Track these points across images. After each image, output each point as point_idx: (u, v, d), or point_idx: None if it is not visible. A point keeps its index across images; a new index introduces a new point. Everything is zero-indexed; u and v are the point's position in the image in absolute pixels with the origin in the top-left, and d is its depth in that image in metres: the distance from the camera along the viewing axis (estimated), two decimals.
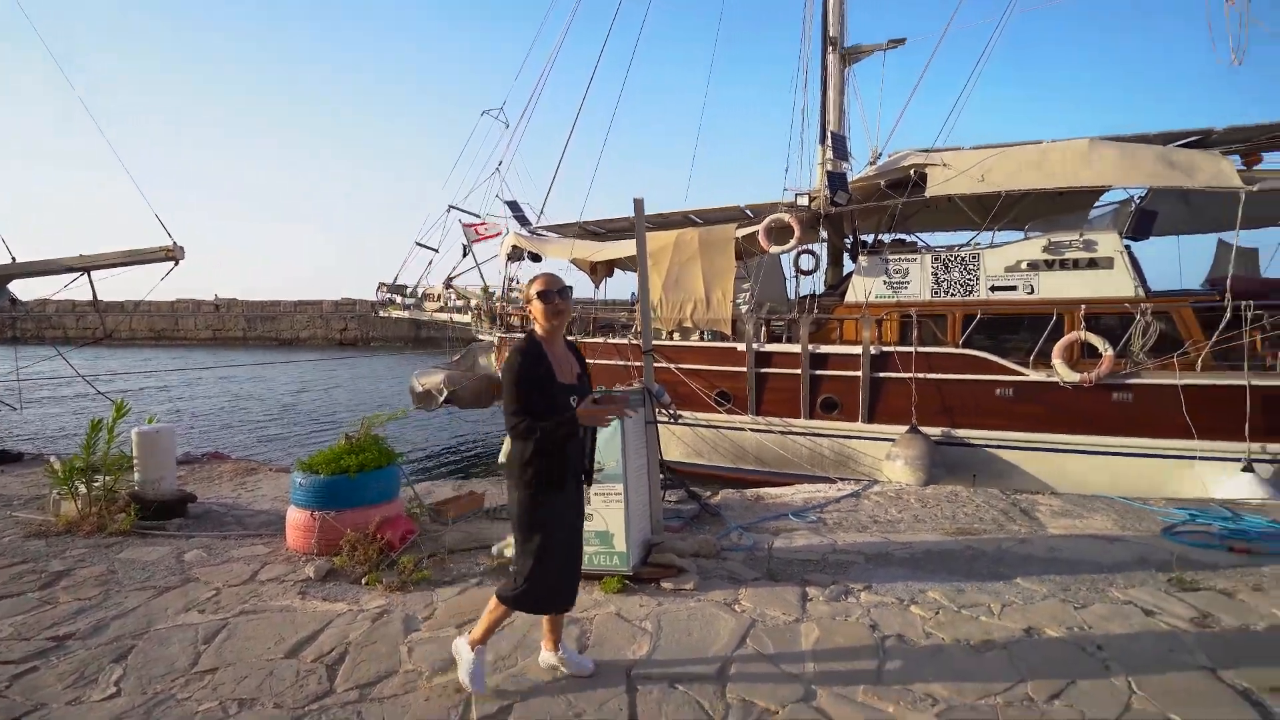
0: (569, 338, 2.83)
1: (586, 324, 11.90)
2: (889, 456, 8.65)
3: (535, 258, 12.79)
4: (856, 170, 11.13)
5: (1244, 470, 7.46)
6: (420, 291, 14.72)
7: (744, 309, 10.39)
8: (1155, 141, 9.09)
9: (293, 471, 4.44)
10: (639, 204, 4.07)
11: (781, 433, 9.90)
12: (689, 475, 9.39)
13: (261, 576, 3.97)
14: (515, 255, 12.83)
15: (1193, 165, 8.46)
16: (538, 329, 2.61)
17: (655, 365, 10.48)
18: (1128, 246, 8.69)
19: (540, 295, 2.56)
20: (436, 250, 13.97)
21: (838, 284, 11.51)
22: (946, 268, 9.32)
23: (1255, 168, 8.88)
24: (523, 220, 13.58)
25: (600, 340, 11.24)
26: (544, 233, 13.68)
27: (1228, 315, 7.82)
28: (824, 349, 9.62)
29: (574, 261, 12.56)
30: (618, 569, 3.63)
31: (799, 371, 9.64)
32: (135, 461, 5.11)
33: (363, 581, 3.81)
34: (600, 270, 13.21)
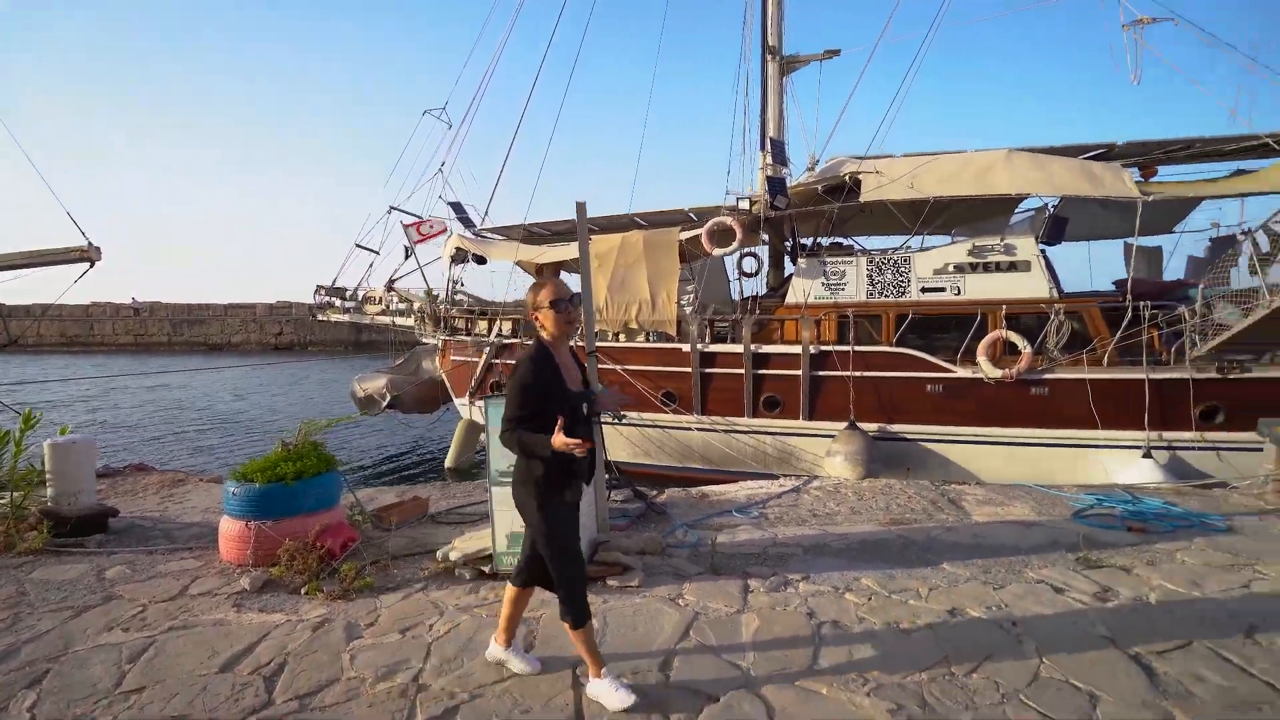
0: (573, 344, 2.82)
1: (532, 326, 11.84)
2: (828, 452, 8.98)
3: (480, 260, 12.65)
4: (795, 175, 11.50)
5: (1144, 457, 8.09)
6: (361, 294, 14.31)
7: (688, 310, 10.57)
8: (1065, 154, 9.75)
9: (225, 481, 4.28)
10: (581, 207, 4.12)
11: (726, 431, 10.11)
12: (636, 475, 9.48)
13: (193, 590, 3.81)
14: (459, 257, 12.65)
15: (1098, 176, 9.15)
16: (546, 336, 2.60)
17: (601, 366, 10.59)
18: (1043, 251, 9.30)
19: (554, 304, 2.55)
20: (377, 252, 13.63)
21: (779, 286, 11.83)
22: (880, 270, 9.74)
23: (1151, 180, 9.67)
24: (466, 222, 13.40)
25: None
26: (489, 235, 13.53)
27: (1129, 314, 8.49)
28: (766, 349, 9.89)
29: (519, 264, 12.49)
30: None
31: (742, 371, 9.87)
32: (48, 475, 4.80)
33: (302, 591, 3.71)
34: (546, 273, 13.15)
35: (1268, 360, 8.36)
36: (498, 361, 11.61)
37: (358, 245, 13.57)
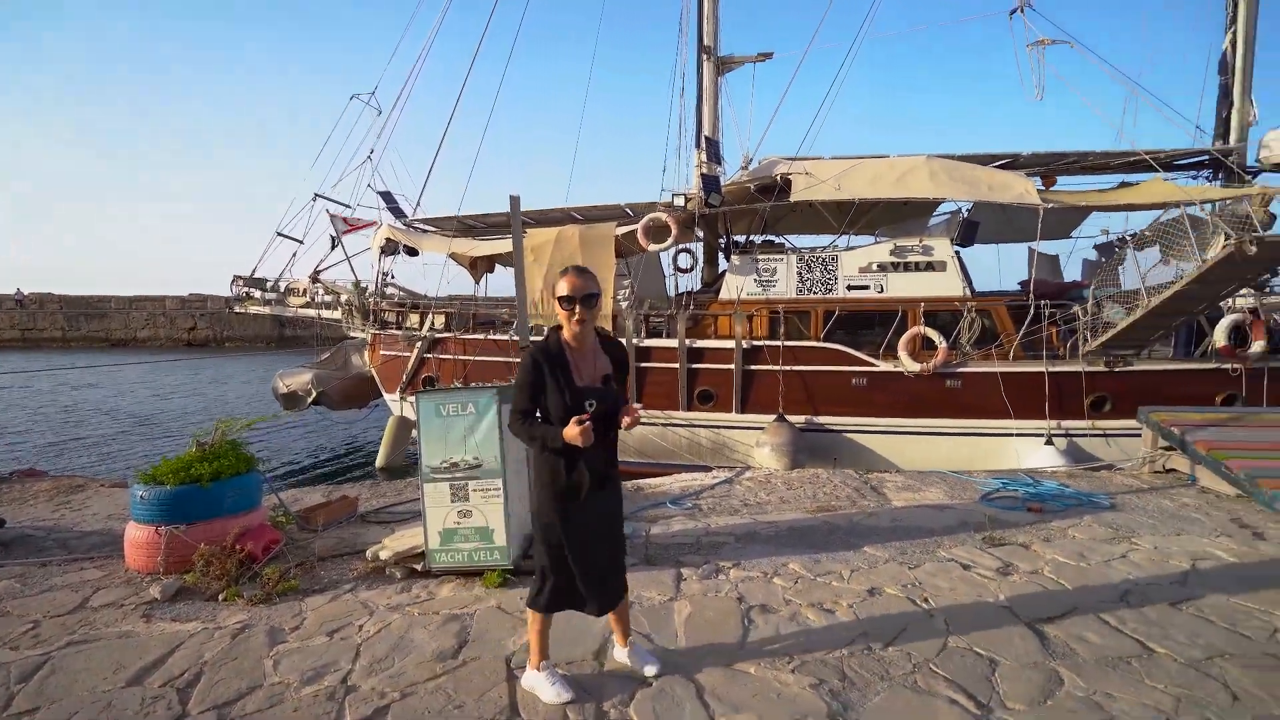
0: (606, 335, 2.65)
1: (466, 320, 11.61)
2: (759, 444, 9.26)
3: (411, 251, 12.29)
4: (729, 174, 11.74)
5: (1046, 444, 8.76)
6: (283, 285, 13.62)
7: (624, 305, 10.63)
8: (977, 162, 10.40)
9: (131, 485, 4.02)
10: (515, 201, 4.09)
11: (662, 424, 10.25)
12: None
13: (94, 603, 3.57)
14: (389, 249, 12.24)
15: (1005, 184, 9.81)
16: (564, 331, 2.50)
17: None
18: (957, 252, 9.90)
19: (560, 301, 2.43)
20: (301, 241, 13.00)
21: (713, 282, 12.07)
22: (810, 268, 10.10)
23: (1051, 189, 10.46)
24: (397, 212, 12.98)
25: (480, 337, 11.04)
26: (420, 226, 13.16)
27: (1032, 313, 9.16)
28: (700, 344, 10.08)
29: (453, 256, 12.22)
30: (498, 563, 3.65)
31: (677, 365, 10.03)
32: None
33: (220, 598, 3.54)
34: (480, 266, 12.93)
35: (1147, 355, 9.21)
36: (430, 356, 11.33)
37: (279, 234, 12.92)
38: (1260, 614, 3.31)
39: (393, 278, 12.81)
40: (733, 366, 9.85)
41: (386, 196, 12.85)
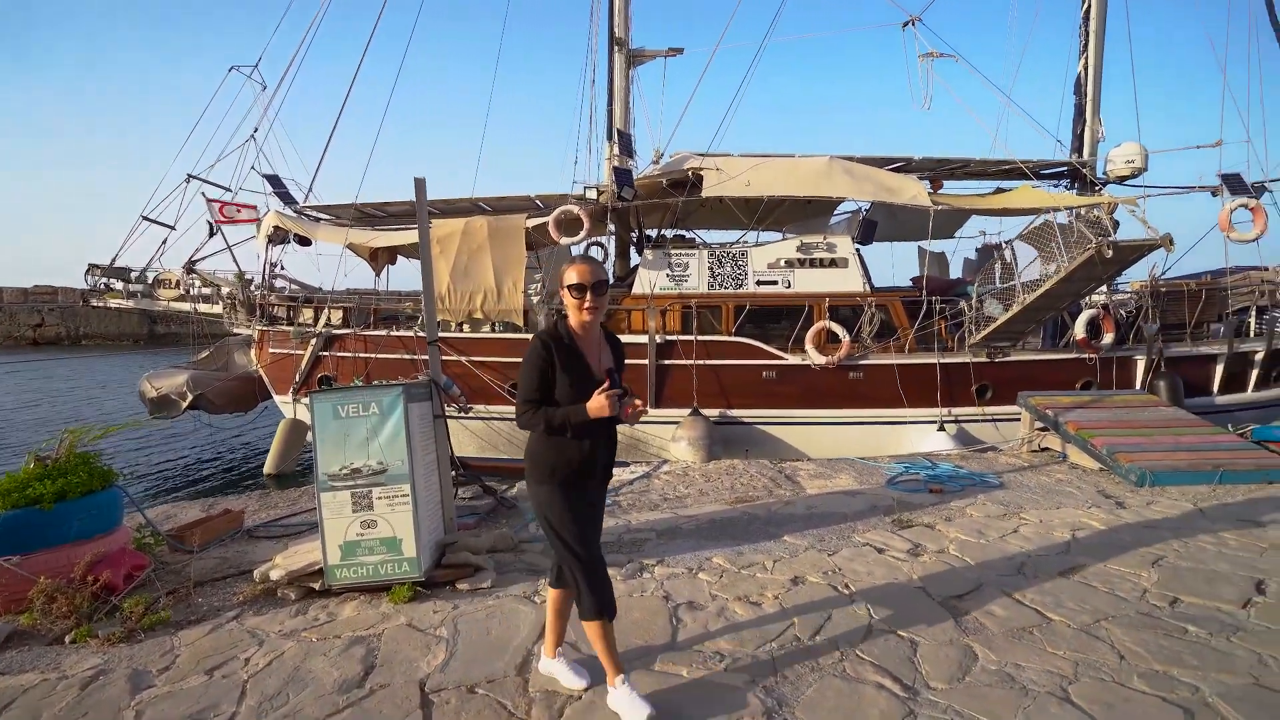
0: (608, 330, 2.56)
1: (366, 315, 10.89)
2: (674, 438, 9.30)
3: (304, 241, 11.36)
4: (641, 168, 11.71)
5: (939, 430, 9.37)
6: (152, 276, 12.20)
7: (535, 300, 10.35)
8: (873, 164, 10.95)
9: None
10: (420, 184, 3.80)
11: None
12: (484, 470, 9.13)
13: None
14: (278, 237, 11.25)
15: (899, 186, 10.40)
16: (570, 318, 2.37)
17: (445, 358, 10.05)
18: (858, 250, 10.38)
19: (572, 290, 2.30)
20: (173, 227, 11.67)
21: (625, 276, 12.01)
22: (721, 263, 10.25)
23: (939, 192, 11.20)
24: (286, 198, 11.97)
25: (383, 333, 10.40)
26: (314, 214, 12.21)
27: (924, 308, 9.77)
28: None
29: (351, 247, 11.43)
30: (408, 576, 3.37)
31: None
32: None
33: (67, 640, 3.03)
34: (381, 257, 12.17)
35: (1021, 346, 10.08)
36: (327, 354, 10.54)
37: (146, 219, 11.56)
38: (1131, 576, 3.63)
39: (282, 269, 11.80)
40: (646, 361, 9.84)
41: (274, 180, 11.82)
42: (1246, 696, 2.48)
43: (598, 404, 2.20)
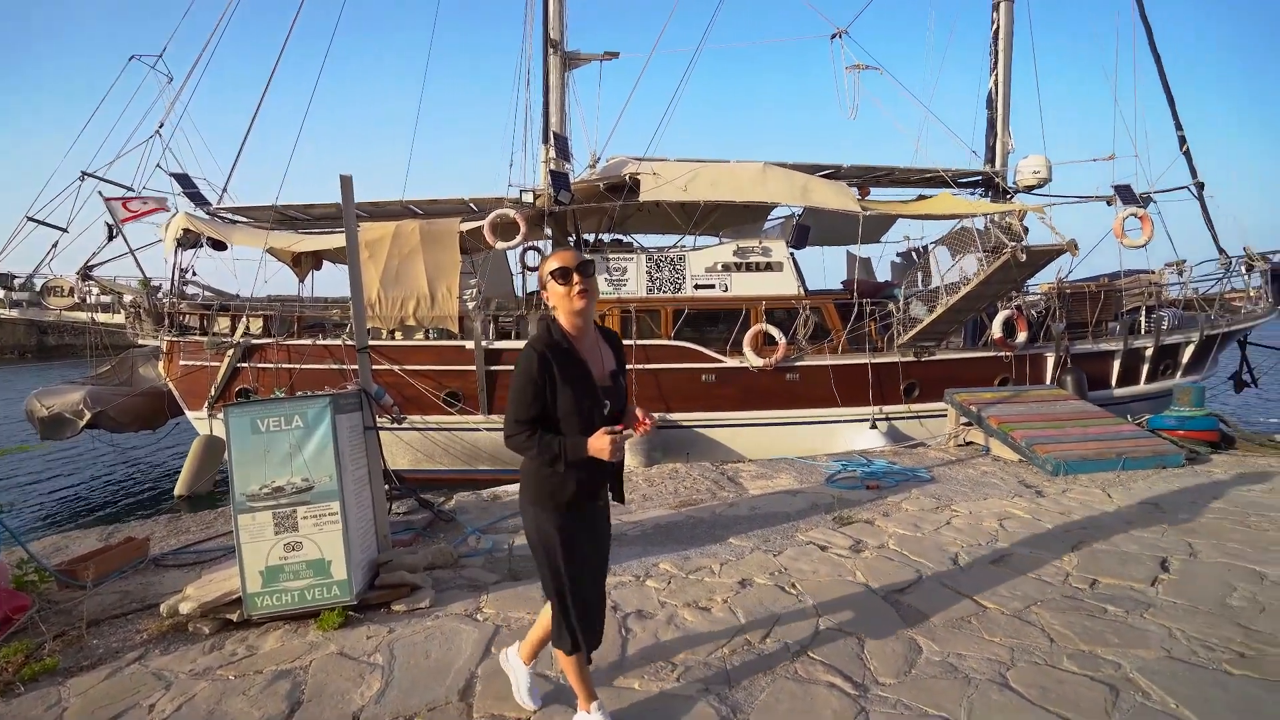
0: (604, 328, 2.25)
1: (289, 324, 10.31)
2: None
3: (218, 245, 10.64)
4: (577, 172, 11.62)
5: (871, 428, 9.70)
6: (40, 283, 11.12)
7: (471, 306, 10.08)
8: (805, 171, 11.27)
9: None
10: (346, 182, 3.59)
11: None
12: (420, 482, 8.79)
13: None
14: (188, 241, 10.49)
15: (830, 193, 10.73)
16: (561, 318, 2.09)
17: (376, 367, 9.63)
18: (792, 254, 10.64)
19: (556, 275, 2.02)
20: (65, 229, 10.67)
21: None
22: (659, 267, 10.28)
23: (866, 198, 11.64)
24: (197, 198, 11.19)
25: (308, 342, 9.87)
26: (229, 215, 11.48)
27: (855, 310, 10.12)
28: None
29: (271, 251, 10.81)
30: (338, 600, 3.16)
31: None
32: None
33: None
34: (305, 262, 11.58)
35: (945, 346, 10.58)
36: (246, 366, 9.90)
37: (32, 220, 10.53)
38: (1054, 561, 3.83)
39: (193, 275, 11.02)
40: None
41: (183, 180, 11.03)
42: (1161, 669, 2.64)
43: (600, 444, 1.94)
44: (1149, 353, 10.91)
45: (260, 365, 9.94)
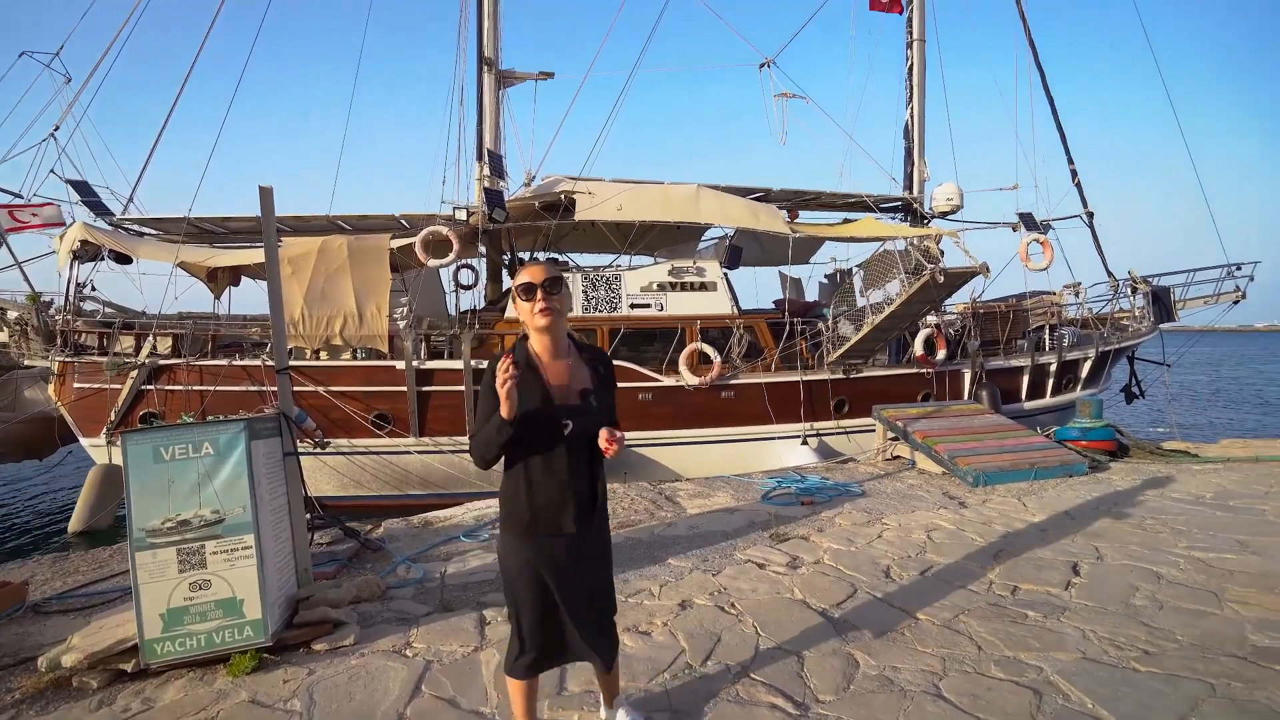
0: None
1: (202, 343, 9.65)
2: None
3: (123, 259, 9.87)
4: (512, 190, 11.52)
5: (803, 444, 9.94)
6: None
7: (402, 325, 9.75)
8: (737, 193, 11.58)
9: None
10: (266, 193, 3.39)
11: (450, 451, 9.55)
12: (346, 509, 8.36)
13: None
14: (86, 254, 9.69)
15: (762, 215, 11.06)
16: (530, 336, 2.09)
17: (300, 389, 9.13)
18: (725, 273, 10.87)
19: (520, 290, 2.01)
20: None
21: (498, 299, 11.69)
22: (595, 286, 10.27)
23: (796, 221, 12.08)
24: (98, 208, 10.38)
25: (223, 362, 9.26)
26: (135, 227, 10.70)
27: (787, 329, 10.41)
28: (486, 364, 9.64)
29: (183, 266, 10.12)
30: (251, 641, 2.91)
31: (463, 388, 9.45)
32: None
33: None
34: (221, 278, 10.90)
35: (872, 363, 11.02)
36: (152, 388, 9.18)
37: None
38: (978, 570, 4.00)
39: (93, 290, 10.17)
40: None
41: (81, 188, 10.21)
42: (1079, 671, 2.78)
43: (498, 384, 1.86)
44: (1053, 368, 11.72)
45: (169, 387, 9.24)
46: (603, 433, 2.00)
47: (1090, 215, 13.23)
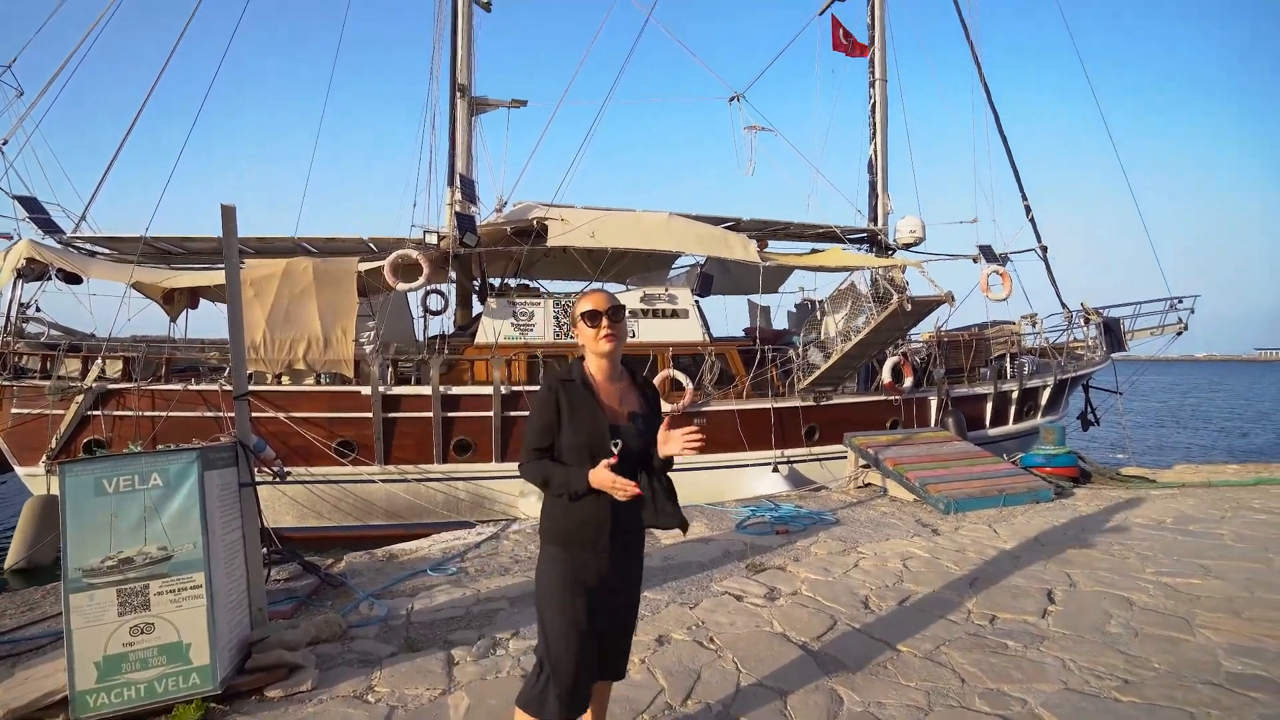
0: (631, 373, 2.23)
1: (155, 366, 9.26)
2: (523, 494, 8.90)
3: (72, 279, 9.46)
4: (484, 215, 11.46)
5: (773, 471, 9.94)
6: None
7: (368, 349, 9.51)
8: (708, 222, 11.72)
9: None
10: (229, 212, 3.26)
11: (416, 480, 9.27)
12: (306, 541, 8.03)
13: None
14: (32, 272, 9.26)
15: (733, 243, 11.20)
16: (588, 358, 2.12)
17: (260, 415, 8.80)
18: (697, 301, 10.93)
19: (586, 317, 2.06)
20: None
21: (467, 325, 11.53)
22: (566, 312, 10.21)
23: (765, 250, 12.27)
24: (47, 225, 9.97)
25: (178, 387, 8.88)
26: (87, 246, 10.30)
27: (758, 357, 10.48)
28: (456, 390, 9.45)
29: (138, 287, 9.75)
30: (198, 690, 2.69)
31: (430, 414, 9.24)
32: None
33: None
34: (179, 300, 10.53)
35: (841, 390, 11.14)
36: (98, 414, 8.73)
37: None
38: (955, 599, 3.98)
39: (38, 310, 9.70)
40: (491, 413, 9.40)
41: (30, 203, 9.81)
42: (1062, 702, 2.75)
43: (600, 476, 1.89)
44: (1014, 395, 12.01)
45: (117, 413, 8.81)
46: (677, 431, 1.93)
47: (1044, 249, 13.74)
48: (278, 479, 5.10)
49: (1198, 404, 39.09)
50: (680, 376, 9.87)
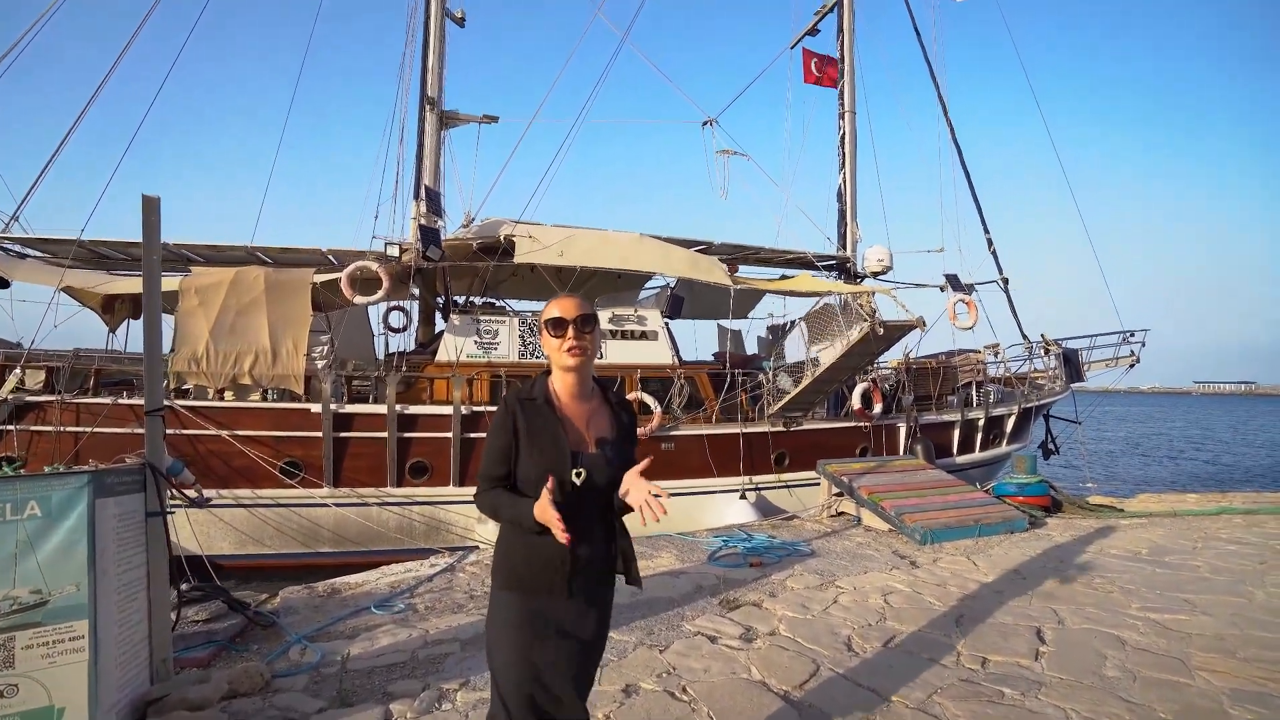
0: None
1: (82, 378, 8.57)
2: (481, 520, 8.43)
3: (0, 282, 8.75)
4: (450, 230, 11.10)
5: (741, 498, 9.67)
6: None
7: (321, 364, 8.99)
8: (679, 244, 11.58)
9: None
10: (150, 203, 2.88)
11: (369, 504, 8.72)
12: (245, 571, 7.43)
13: None
14: None
15: (704, 266, 11.05)
16: (553, 373, 1.88)
17: (200, 432, 8.18)
18: (667, 323, 10.71)
19: (550, 325, 1.82)
20: None
21: (429, 342, 11.08)
22: (532, 331, 9.87)
23: (736, 274, 12.16)
24: None
25: (107, 401, 8.21)
26: (15, 248, 9.58)
27: (728, 380, 10.27)
28: (413, 409, 8.98)
29: (69, 291, 9.06)
30: None
31: (385, 434, 8.73)
32: None
33: None
34: (120, 310, 9.86)
35: (811, 416, 11.00)
36: (12, 429, 8.00)
37: None
38: (942, 640, 3.73)
39: None
40: (450, 434, 8.94)
41: None
42: None
43: (541, 510, 1.60)
44: (981, 423, 12.05)
45: (35, 428, 8.09)
46: (644, 485, 1.66)
47: (1005, 281, 13.98)
48: (197, 505, 4.61)
49: (1156, 432, 40.54)
50: (648, 399, 9.59)
